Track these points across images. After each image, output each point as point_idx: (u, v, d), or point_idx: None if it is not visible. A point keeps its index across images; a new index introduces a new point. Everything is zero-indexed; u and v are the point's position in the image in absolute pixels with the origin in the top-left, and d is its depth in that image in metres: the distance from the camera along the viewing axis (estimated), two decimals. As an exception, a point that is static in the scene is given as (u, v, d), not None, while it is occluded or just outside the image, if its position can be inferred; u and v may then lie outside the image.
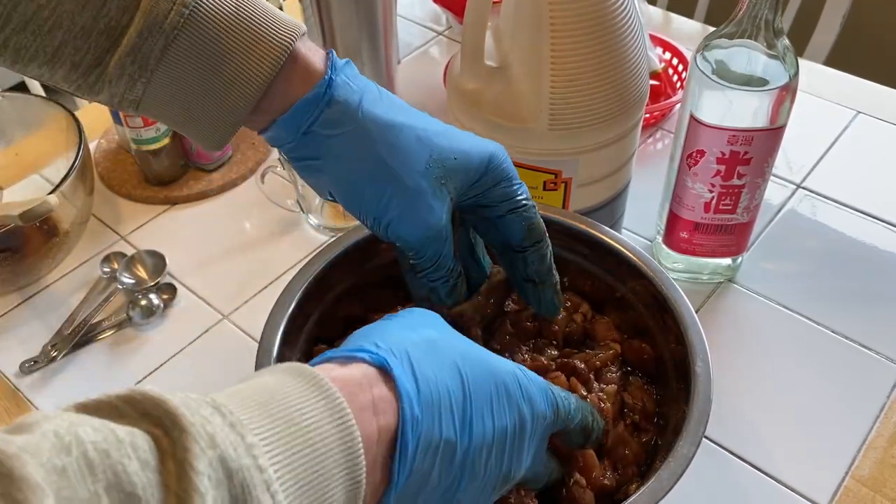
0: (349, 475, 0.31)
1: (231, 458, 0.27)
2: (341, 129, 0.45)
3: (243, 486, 0.27)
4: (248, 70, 0.43)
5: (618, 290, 0.59)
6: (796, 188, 0.85)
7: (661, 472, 0.44)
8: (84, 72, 0.43)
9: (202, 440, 0.26)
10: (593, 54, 0.60)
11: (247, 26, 0.43)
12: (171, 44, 0.42)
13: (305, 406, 0.31)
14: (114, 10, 0.41)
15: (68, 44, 0.42)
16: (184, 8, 0.41)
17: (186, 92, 0.43)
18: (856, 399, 0.66)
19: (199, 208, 0.86)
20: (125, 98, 0.44)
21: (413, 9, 1.15)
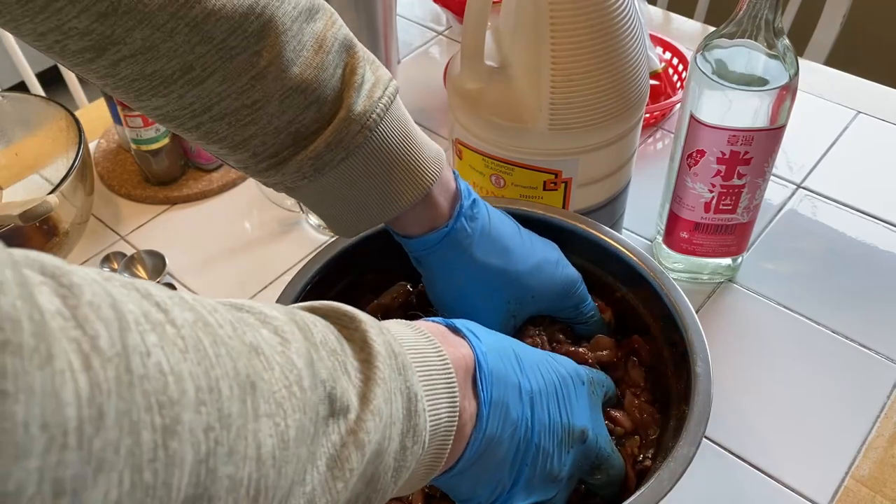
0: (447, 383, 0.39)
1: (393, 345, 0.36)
2: (445, 266, 0.53)
3: (402, 365, 0.36)
4: (398, 194, 0.49)
5: (618, 291, 0.59)
6: (796, 188, 0.85)
7: (661, 473, 0.44)
8: (260, 160, 0.48)
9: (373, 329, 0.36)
10: (593, 54, 0.60)
11: (407, 155, 0.49)
12: (349, 157, 0.47)
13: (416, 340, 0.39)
14: (308, 120, 0.46)
15: (257, 137, 0.46)
16: (368, 131, 0.46)
17: (342, 197, 0.49)
18: (856, 399, 0.66)
19: (199, 208, 0.86)
20: (285, 185, 0.49)
21: (413, 9, 1.15)
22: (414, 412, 0.36)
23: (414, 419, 0.36)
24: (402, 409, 0.35)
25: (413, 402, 0.36)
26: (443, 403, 0.38)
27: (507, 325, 0.56)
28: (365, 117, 0.46)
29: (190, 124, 0.46)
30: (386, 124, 0.47)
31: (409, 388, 0.36)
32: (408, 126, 0.50)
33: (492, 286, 0.54)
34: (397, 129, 0.48)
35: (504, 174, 0.66)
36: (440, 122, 0.93)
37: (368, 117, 0.46)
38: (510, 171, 0.66)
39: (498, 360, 0.42)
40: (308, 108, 0.45)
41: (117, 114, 0.85)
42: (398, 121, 0.49)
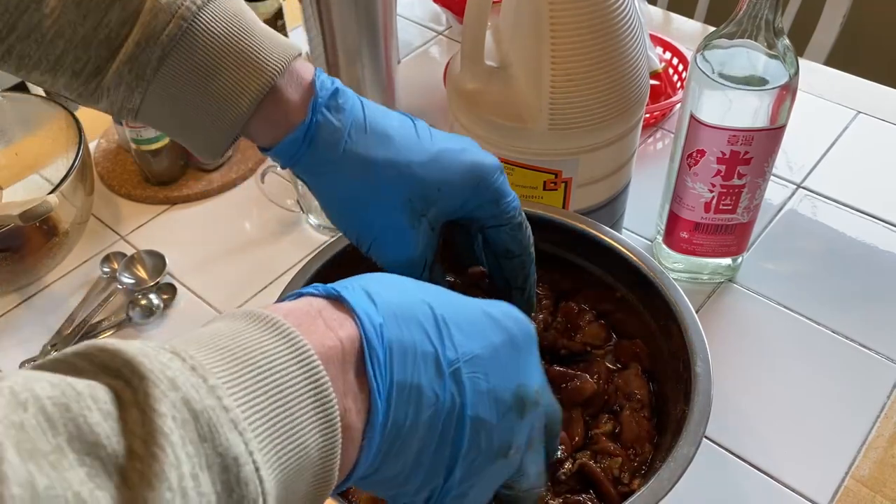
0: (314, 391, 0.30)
1: (194, 399, 0.26)
2: (322, 169, 0.47)
3: (209, 425, 0.26)
4: (236, 93, 0.44)
5: (618, 291, 0.59)
6: (796, 188, 0.85)
7: (662, 473, 0.44)
8: (84, 80, 0.45)
9: (162, 384, 0.26)
10: (593, 54, 0.60)
11: (237, 49, 0.44)
12: (168, 55, 0.43)
13: (259, 342, 0.30)
14: (114, 21, 0.42)
15: (69, 53, 0.43)
16: (182, 21, 0.42)
17: (181, 104, 0.45)
18: (856, 399, 0.66)
19: (199, 208, 0.86)
20: (124, 106, 0.45)
21: (413, 9, 1.15)
22: (236, 482, 0.27)
23: (239, 490, 0.27)
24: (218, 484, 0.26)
25: (233, 470, 0.26)
26: (309, 423, 0.30)
27: (420, 228, 0.47)
28: (175, 5, 0.42)
29: (1, 50, 0.44)
30: (208, 13, 0.43)
31: (224, 455, 0.26)
32: (241, 18, 0.45)
33: (381, 184, 0.46)
34: (224, 19, 0.44)
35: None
36: (440, 122, 0.93)
37: (180, 5, 0.42)
38: (510, 171, 0.66)
39: (401, 330, 0.34)
40: (111, 7, 0.42)
41: (117, 114, 0.85)
42: (227, 12, 0.44)
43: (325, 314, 0.33)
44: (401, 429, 0.34)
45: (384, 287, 0.36)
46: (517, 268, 0.52)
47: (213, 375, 0.28)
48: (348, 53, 0.82)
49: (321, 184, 0.48)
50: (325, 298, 0.34)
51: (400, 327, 0.34)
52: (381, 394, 0.33)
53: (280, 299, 0.36)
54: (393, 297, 0.35)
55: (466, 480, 0.37)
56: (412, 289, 0.37)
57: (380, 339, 0.33)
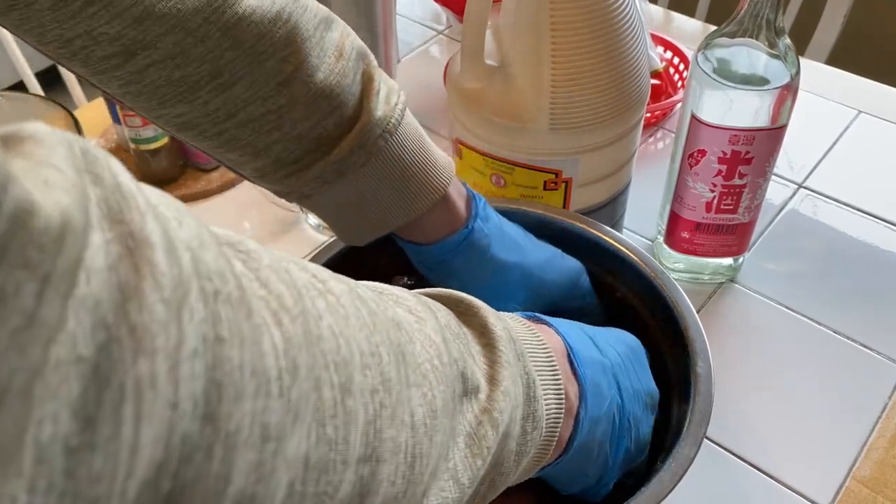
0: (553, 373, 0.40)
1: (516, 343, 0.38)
2: (466, 269, 0.53)
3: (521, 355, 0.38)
4: (420, 192, 0.50)
5: (618, 291, 0.59)
6: (798, 188, 0.85)
7: (663, 473, 0.44)
8: (281, 166, 0.48)
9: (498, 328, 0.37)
10: (594, 54, 0.60)
11: (424, 156, 0.50)
12: (369, 162, 0.47)
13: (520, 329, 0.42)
14: (331, 125, 0.46)
15: (280, 143, 0.46)
16: (388, 135, 0.47)
17: (356, 201, 0.49)
18: (857, 399, 0.66)
19: (199, 208, 0.86)
20: (300, 191, 0.49)
21: (413, 8, 1.15)
22: (533, 397, 0.37)
23: (533, 404, 0.37)
24: (523, 393, 0.37)
25: (531, 388, 0.37)
26: (550, 390, 0.40)
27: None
28: (385, 122, 0.47)
29: (212, 131, 0.46)
30: (402, 129, 0.48)
31: (528, 374, 0.37)
32: (420, 132, 0.51)
33: (512, 282, 0.55)
34: (412, 134, 0.49)
35: (504, 174, 0.66)
36: (440, 122, 0.93)
37: (388, 122, 0.47)
38: (510, 171, 0.66)
39: (581, 343, 0.44)
40: (331, 114, 0.46)
41: (116, 113, 0.85)
42: (412, 126, 0.50)
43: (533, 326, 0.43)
44: (594, 419, 0.42)
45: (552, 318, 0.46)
46: None
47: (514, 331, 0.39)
48: (348, 53, 0.82)
49: (459, 280, 0.54)
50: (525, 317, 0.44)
51: (580, 341, 0.44)
52: (584, 382, 0.42)
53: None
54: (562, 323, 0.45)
55: (622, 467, 0.46)
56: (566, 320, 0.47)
57: (575, 349, 0.43)
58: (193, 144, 0.48)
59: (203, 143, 0.47)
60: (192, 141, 0.47)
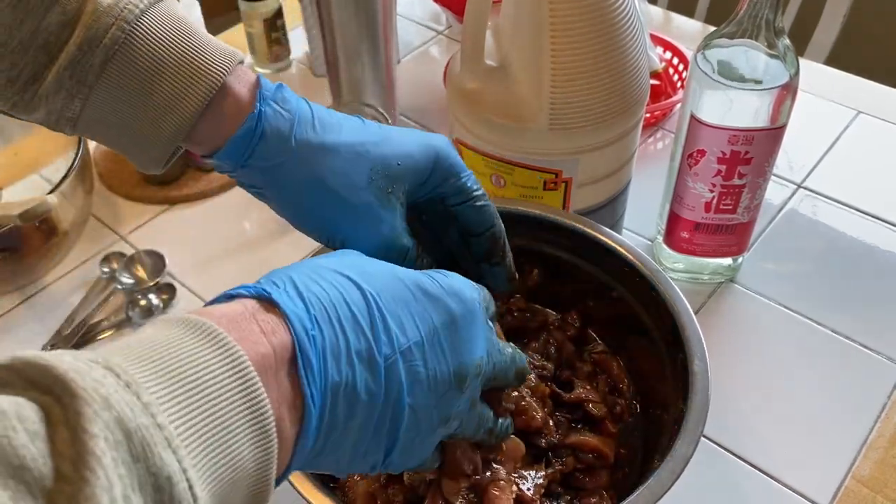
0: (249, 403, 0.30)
1: (128, 419, 0.26)
2: (277, 160, 0.44)
3: (143, 444, 0.26)
4: (181, 96, 0.43)
5: (615, 290, 0.59)
6: (797, 188, 0.85)
7: (660, 472, 0.44)
8: (21, 87, 0.42)
9: (95, 403, 0.25)
10: (593, 54, 0.60)
11: (182, 52, 0.43)
12: (110, 60, 0.41)
13: (194, 352, 0.30)
14: (54, 24, 0.41)
15: (5, 58, 0.41)
16: (125, 24, 0.41)
17: (122, 112, 0.43)
18: (856, 399, 0.66)
19: (199, 208, 0.86)
20: (62, 115, 0.43)
21: (413, 8, 1.15)
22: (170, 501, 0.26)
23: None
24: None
25: (166, 491, 0.26)
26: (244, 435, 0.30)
27: (390, 207, 0.46)
28: (118, 8, 0.41)
29: None
30: (150, 17, 0.42)
31: (157, 475, 0.26)
32: (184, 22, 0.44)
33: (340, 166, 0.45)
34: (168, 23, 0.43)
35: (504, 174, 0.66)
36: (440, 122, 0.93)
37: (124, 7, 0.41)
38: (510, 171, 0.66)
39: (333, 330, 0.34)
40: (49, 10, 0.41)
41: (117, 114, 0.85)
42: (170, 16, 0.43)
43: (258, 317, 0.33)
44: (334, 428, 0.34)
45: (316, 277, 0.36)
46: (492, 240, 0.50)
47: (146, 392, 0.27)
48: (348, 53, 0.82)
49: (276, 181, 0.45)
50: (257, 300, 0.34)
51: (332, 327, 0.34)
52: (314, 400, 0.33)
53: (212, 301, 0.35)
54: (324, 291, 0.35)
55: (406, 453, 0.38)
56: (339, 269, 0.37)
57: (311, 343, 0.33)
58: None
59: None
60: None
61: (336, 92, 0.87)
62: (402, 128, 0.49)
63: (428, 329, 0.37)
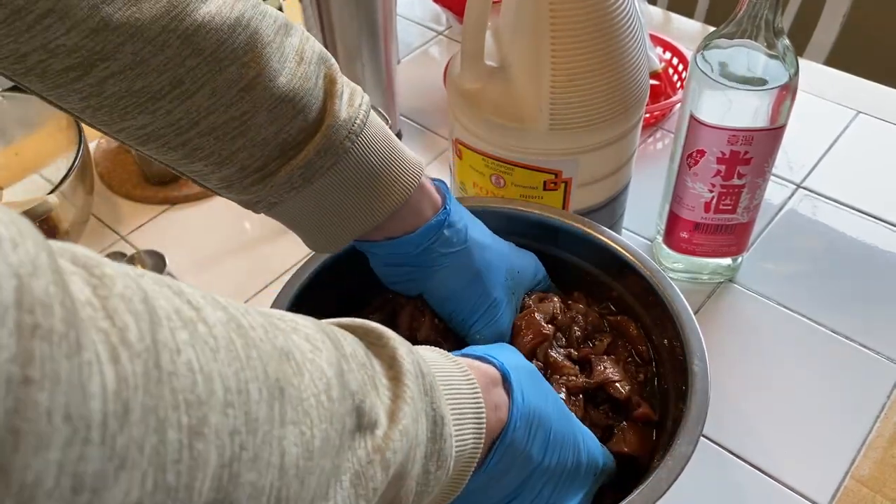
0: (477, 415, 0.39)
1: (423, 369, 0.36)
2: (453, 249, 0.53)
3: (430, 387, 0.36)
4: (384, 197, 0.49)
5: (615, 290, 0.59)
6: (796, 188, 0.85)
7: (659, 471, 0.44)
8: (247, 174, 0.47)
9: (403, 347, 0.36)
10: (593, 54, 0.60)
11: (388, 160, 0.49)
12: (337, 164, 0.47)
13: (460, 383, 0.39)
14: (295, 129, 0.46)
15: (245, 150, 0.46)
16: (354, 136, 0.47)
17: (325, 205, 0.49)
18: (856, 399, 0.66)
19: (199, 208, 0.86)
20: (266, 200, 0.48)
21: (413, 9, 1.15)
22: (439, 436, 0.36)
23: (439, 443, 0.36)
24: (428, 431, 0.35)
25: (439, 426, 0.36)
26: (469, 428, 0.38)
27: (511, 304, 0.56)
28: (350, 123, 0.47)
29: (176, 142, 0.45)
30: (368, 130, 0.48)
31: (436, 411, 0.36)
32: (387, 132, 0.50)
33: (493, 262, 0.55)
34: (378, 135, 0.49)
35: (504, 174, 0.66)
36: (440, 122, 0.93)
37: (353, 123, 0.47)
38: (510, 171, 0.66)
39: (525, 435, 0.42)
40: (295, 118, 0.46)
41: (117, 114, 0.85)
42: (378, 127, 0.50)
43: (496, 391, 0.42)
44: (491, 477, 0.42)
45: (527, 377, 0.44)
46: None
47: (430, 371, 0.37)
48: (348, 53, 0.82)
49: (442, 270, 0.53)
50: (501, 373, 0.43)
51: (526, 431, 0.42)
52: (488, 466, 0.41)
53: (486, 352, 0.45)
54: (534, 402, 0.43)
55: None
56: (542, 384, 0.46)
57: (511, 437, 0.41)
58: (157, 158, 0.47)
59: (167, 156, 0.46)
60: (155, 154, 0.46)
61: (336, 92, 0.87)
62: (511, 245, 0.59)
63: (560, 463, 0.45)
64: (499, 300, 0.54)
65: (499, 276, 0.55)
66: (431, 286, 0.55)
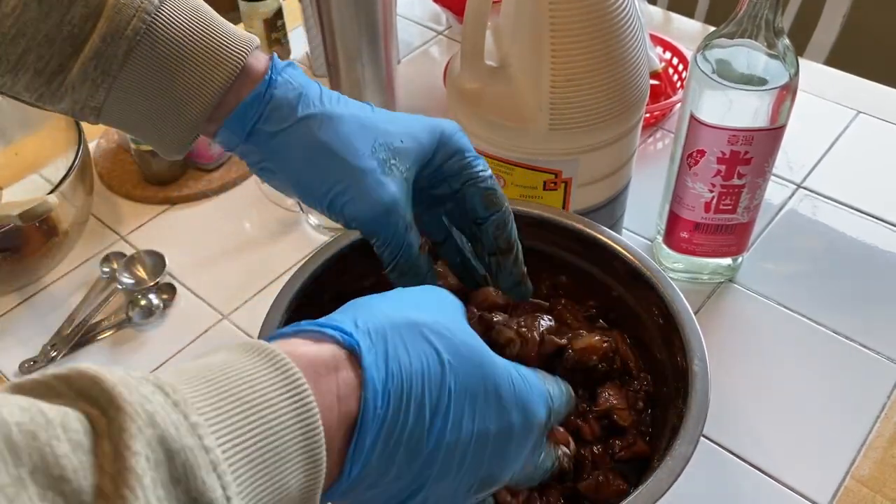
0: (308, 457, 0.30)
1: (172, 438, 0.25)
2: (284, 124, 0.46)
3: (185, 466, 0.25)
4: (204, 80, 0.45)
5: (615, 290, 0.59)
6: (797, 188, 0.85)
7: (659, 472, 0.44)
8: (47, 79, 0.44)
9: (140, 419, 0.25)
10: (593, 54, 0.60)
11: (203, 38, 0.45)
12: (133, 50, 0.43)
13: (260, 383, 0.29)
14: (77, 17, 0.42)
15: (31, 51, 0.43)
16: (146, 15, 0.43)
17: (146, 99, 0.45)
18: (856, 399, 0.66)
19: (199, 208, 0.86)
20: (87, 105, 0.45)
21: (413, 9, 1.15)
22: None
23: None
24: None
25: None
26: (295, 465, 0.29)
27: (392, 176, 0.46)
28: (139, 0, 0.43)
29: None
30: (169, 7, 0.44)
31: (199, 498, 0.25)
32: (202, 9, 0.46)
33: (345, 133, 0.46)
34: (186, 11, 0.45)
35: (504, 174, 0.66)
36: (440, 122, 0.93)
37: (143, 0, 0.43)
38: (510, 171, 0.66)
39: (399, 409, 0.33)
40: (73, 4, 0.42)
41: (117, 114, 0.85)
42: (187, 4, 0.45)
43: (339, 376, 0.33)
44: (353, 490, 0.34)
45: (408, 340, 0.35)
46: (498, 226, 0.50)
47: (195, 412, 0.26)
48: (348, 53, 0.82)
49: (281, 150, 0.46)
50: (346, 351, 0.33)
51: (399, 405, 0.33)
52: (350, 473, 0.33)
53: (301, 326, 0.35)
54: (409, 362, 0.34)
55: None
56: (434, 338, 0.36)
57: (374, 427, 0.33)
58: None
59: None
60: None
61: (336, 92, 0.87)
62: (413, 115, 0.49)
63: (480, 433, 0.36)
64: (365, 169, 0.45)
65: (360, 145, 0.46)
66: (283, 176, 0.48)
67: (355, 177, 0.45)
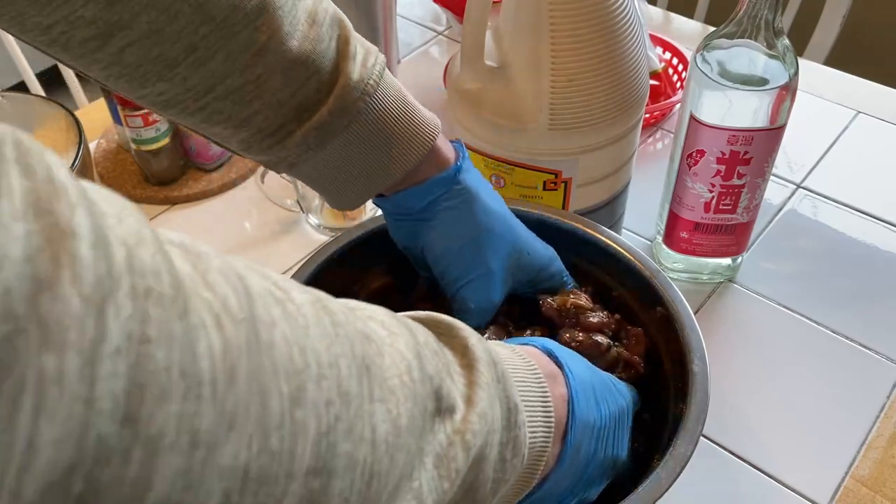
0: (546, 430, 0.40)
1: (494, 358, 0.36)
2: (457, 204, 0.53)
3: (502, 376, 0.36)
4: (401, 157, 0.51)
5: (615, 290, 0.59)
6: (796, 188, 0.85)
7: (659, 472, 0.44)
8: (264, 136, 0.48)
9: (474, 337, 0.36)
10: (593, 54, 0.60)
11: (404, 120, 0.50)
12: (351, 124, 0.48)
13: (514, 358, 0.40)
14: (310, 90, 0.47)
15: (261, 113, 0.47)
16: (367, 97, 0.48)
17: (343, 164, 0.50)
18: (856, 399, 0.66)
19: (199, 208, 0.87)
20: (286, 161, 0.49)
21: (413, 9, 1.15)
22: (514, 424, 0.36)
23: (514, 430, 0.36)
24: (503, 418, 0.35)
25: (513, 413, 0.36)
26: (538, 420, 0.39)
27: (507, 281, 0.55)
28: (363, 83, 0.48)
29: (194, 107, 0.46)
30: (382, 89, 0.49)
31: (509, 398, 0.36)
32: (402, 92, 0.51)
33: (497, 233, 0.54)
34: (393, 94, 0.50)
35: (504, 174, 0.66)
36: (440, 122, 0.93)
37: (366, 83, 0.48)
38: (510, 171, 0.66)
39: (584, 394, 0.43)
40: (309, 80, 0.47)
41: (117, 114, 0.85)
42: (393, 87, 0.50)
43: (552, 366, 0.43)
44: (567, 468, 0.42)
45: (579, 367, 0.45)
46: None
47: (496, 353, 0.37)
48: (348, 53, 0.82)
49: (443, 224, 0.53)
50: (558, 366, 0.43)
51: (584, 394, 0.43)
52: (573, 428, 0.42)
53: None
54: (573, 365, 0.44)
55: None
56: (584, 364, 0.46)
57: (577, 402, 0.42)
58: (180, 122, 0.48)
59: (188, 120, 0.48)
60: (177, 118, 0.48)
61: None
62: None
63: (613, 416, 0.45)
64: (493, 271, 0.53)
65: (500, 247, 0.54)
66: (430, 240, 0.54)
67: (486, 274, 0.53)
